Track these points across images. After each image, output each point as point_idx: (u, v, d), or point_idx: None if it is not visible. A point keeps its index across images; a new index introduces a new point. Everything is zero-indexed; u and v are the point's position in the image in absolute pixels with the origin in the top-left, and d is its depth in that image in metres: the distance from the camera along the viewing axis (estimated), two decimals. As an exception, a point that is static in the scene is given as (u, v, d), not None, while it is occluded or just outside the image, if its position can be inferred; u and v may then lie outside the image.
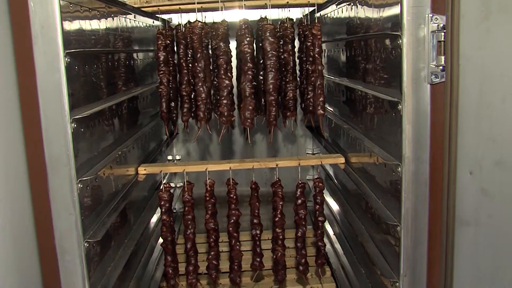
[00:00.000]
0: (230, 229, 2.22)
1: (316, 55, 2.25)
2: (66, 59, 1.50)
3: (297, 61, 2.54)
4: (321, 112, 2.25)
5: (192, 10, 2.35)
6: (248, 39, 2.17)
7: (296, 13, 2.85)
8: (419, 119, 1.54)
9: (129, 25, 2.38)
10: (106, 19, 1.99)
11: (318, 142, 3.03)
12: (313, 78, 2.28)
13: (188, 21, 2.42)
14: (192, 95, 2.42)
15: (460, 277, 1.49)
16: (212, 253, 2.26)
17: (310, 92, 2.37)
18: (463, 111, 1.42)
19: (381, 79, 1.86)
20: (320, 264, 2.35)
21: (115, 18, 2.13)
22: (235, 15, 2.62)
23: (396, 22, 1.59)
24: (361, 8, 2.01)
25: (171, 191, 2.26)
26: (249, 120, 2.17)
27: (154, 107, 2.80)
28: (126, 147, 2.11)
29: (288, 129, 2.71)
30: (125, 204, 2.09)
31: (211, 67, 2.36)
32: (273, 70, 2.18)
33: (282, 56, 2.41)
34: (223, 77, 2.15)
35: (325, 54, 2.84)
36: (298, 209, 2.23)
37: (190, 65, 2.36)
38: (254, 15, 2.48)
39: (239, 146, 3.30)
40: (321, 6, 2.51)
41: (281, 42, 2.40)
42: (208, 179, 2.20)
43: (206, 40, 2.29)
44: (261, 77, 2.44)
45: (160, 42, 2.33)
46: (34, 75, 1.49)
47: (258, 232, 2.25)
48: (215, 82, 2.42)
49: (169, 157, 3.32)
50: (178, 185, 3.37)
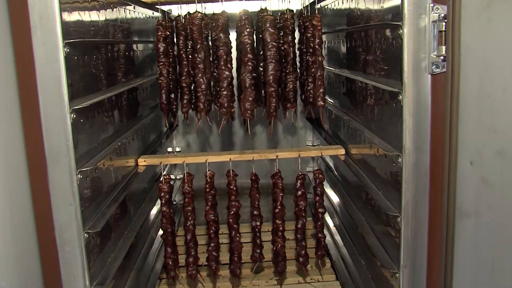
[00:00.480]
0: (230, 220, 2.22)
1: (317, 46, 2.24)
2: (65, 49, 1.49)
3: (297, 52, 2.53)
4: (321, 103, 2.24)
5: (192, 1, 2.34)
6: (248, 30, 2.16)
7: (296, 4, 2.84)
8: (419, 110, 1.53)
9: (129, 16, 2.37)
10: (105, 10, 1.98)
11: (318, 133, 3.02)
12: (313, 69, 2.28)
13: (188, 12, 2.42)
14: (192, 87, 2.41)
15: (460, 267, 1.49)
16: (212, 244, 2.26)
17: (310, 84, 2.36)
18: (464, 101, 1.41)
19: (381, 70, 1.85)
20: (320, 255, 2.35)
21: (114, 9, 2.12)
22: (235, 6, 2.62)
23: (397, 12, 1.58)
24: (362, -2, 2.01)
25: (171, 182, 2.26)
26: (249, 112, 2.17)
27: (154, 98, 2.79)
28: (125, 138, 2.10)
29: (288, 120, 2.70)
30: (125, 195, 2.09)
31: (211, 59, 2.35)
32: (273, 61, 2.18)
33: (282, 48, 2.40)
34: (223, 68, 2.14)
35: (325, 46, 2.83)
36: (298, 201, 2.23)
37: (190, 56, 2.36)
38: (254, 6, 2.47)
39: (239, 138, 3.30)
40: (322, -3, 2.51)
41: (281, 34, 2.39)
42: (208, 170, 2.20)
43: (206, 31, 2.28)
44: (261, 69, 2.44)
45: (159, 33, 2.32)
46: (33, 66, 1.48)
47: (258, 223, 2.25)
48: (215, 74, 2.42)
49: (169, 149, 3.31)
50: (178, 177, 3.37)
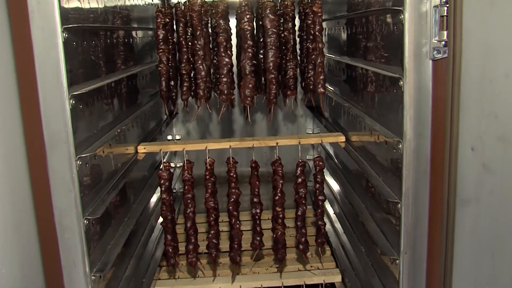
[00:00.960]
0: (230, 208, 2.22)
1: (317, 33, 2.23)
2: (64, 35, 1.48)
3: (298, 39, 2.51)
4: (322, 90, 2.23)
5: (192, -12, 2.32)
6: (248, 16, 2.15)
7: (296, -9, 2.81)
8: (420, 95, 1.52)
9: (128, 3, 2.35)
10: (104, -5, 1.97)
11: (319, 121, 3.01)
12: (313, 56, 2.26)
13: (188, -2, 2.40)
14: (192, 74, 2.40)
15: (461, 253, 1.49)
16: (212, 232, 2.26)
17: (310, 71, 2.35)
18: (465, 87, 1.41)
19: (382, 56, 1.84)
20: (320, 243, 2.35)
21: (113, -5, 2.11)
22: (235, -8, 2.60)
23: (398, -3, 1.57)
24: (363, -16, 1.99)
25: (171, 170, 2.25)
26: (249, 98, 2.16)
27: (153, 86, 2.78)
28: (125, 125, 2.09)
29: (288, 108, 2.69)
30: (125, 183, 2.09)
31: (210, 46, 2.34)
32: (273, 47, 2.16)
33: (282, 35, 2.38)
34: (223, 55, 2.13)
35: (326, 33, 2.82)
36: (298, 188, 2.23)
37: (190, 43, 2.34)
38: (254, -8, 2.45)
39: (239, 126, 3.29)
40: (322, -16, 2.48)
41: (281, 20, 2.38)
42: (208, 158, 2.19)
43: (205, 18, 2.26)
44: (261, 56, 2.43)
45: (159, 20, 2.31)
46: (32, 52, 1.47)
47: (258, 211, 2.24)
48: (215, 61, 2.40)
49: (169, 137, 3.30)
50: (178, 165, 3.36)
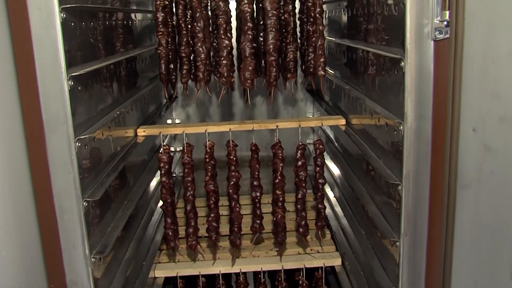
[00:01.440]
0: (230, 191, 2.21)
1: (317, 15, 2.21)
2: (62, 15, 1.46)
3: (298, 22, 2.50)
4: (322, 73, 2.22)
5: (191, -31, 2.29)
6: (248, -2, 2.13)
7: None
8: (421, 76, 1.51)
9: (127, -15, 2.33)
10: (103, -24, 1.95)
11: (319, 105, 3.00)
12: (314, 39, 2.25)
13: (187, -20, 2.38)
14: (191, 57, 2.39)
15: (461, 235, 1.49)
16: (212, 215, 2.26)
17: (310, 53, 2.33)
18: (468, 67, 1.39)
19: (383, 38, 1.83)
20: (320, 226, 2.35)
21: (112, -24, 2.09)
22: (235, -26, 2.57)
23: (399, -24, 1.55)
24: (364, -35, 1.97)
25: (171, 153, 2.24)
26: (249, 81, 2.15)
27: (153, 70, 2.76)
28: (124, 107, 2.08)
29: (288, 91, 2.68)
30: (124, 166, 2.08)
31: (210, 29, 2.32)
32: (273, 30, 2.14)
33: (283, 17, 2.36)
34: (223, 37, 2.11)
35: (326, 16, 2.80)
36: (299, 171, 2.22)
37: (189, 25, 2.32)
38: (254, -26, 2.42)
39: (239, 110, 3.27)
40: (323, -35, 2.46)
41: (281, 3, 2.36)
42: (208, 141, 2.19)
43: (205, 0, 2.25)
44: (261, 39, 2.41)
45: (158, 2, 2.28)
46: (29, 32, 1.46)
47: (258, 194, 2.24)
48: (215, 44, 2.39)
49: (169, 121, 3.29)
50: (177, 149, 3.36)
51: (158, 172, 2.24)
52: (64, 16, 1.47)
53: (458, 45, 1.40)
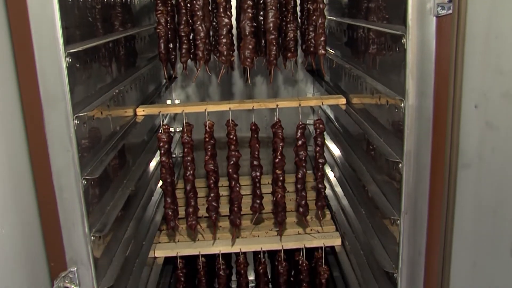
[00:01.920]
0: (230, 170, 2.21)
1: (318, -7, 2.18)
2: (59, -10, 1.44)
3: (298, 1, 2.47)
4: (323, 52, 2.20)
5: None
6: (248, -25, 2.10)
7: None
8: (423, 53, 1.49)
9: (125, -38, 2.30)
10: (101, -47, 1.92)
11: (319, 85, 2.99)
12: (314, 17, 2.22)
13: (186, -43, 2.34)
14: (191, 36, 2.36)
15: (462, 213, 1.48)
16: (212, 194, 2.25)
17: (311, 32, 2.31)
18: (470, 43, 1.37)
19: (384, 17, 1.81)
20: (320, 206, 2.35)
21: (110, -47, 2.06)
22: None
23: (401, -49, 1.53)
24: None
25: (171, 133, 2.23)
26: (248, 60, 2.13)
27: (152, 50, 2.74)
28: (123, 86, 2.07)
29: (288, 71, 2.66)
30: (124, 147, 2.08)
31: (210, 8, 2.30)
32: (273, 8, 2.12)
33: (283, -4, 2.34)
34: (222, 15, 2.09)
35: (327, -6, 2.77)
36: (299, 151, 2.21)
37: (189, 4, 2.30)
38: (254, -49, 2.39)
39: (238, 90, 3.26)
40: None
41: (281, -19, 2.33)
42: (208, 120, 2.17)
43: (204, -22, 2.22)
44: (261, 18, 2.39)
45: (157, -20, 2.26)
46: (26, 8, 1.43)
47: (258, 174, 2.23)
48: (214, 23, 2.37)
49: (168, 102, 3.28)
50: (177, 130, 3.34)
51: (158, 153, 2.24)
52: (62, -8, 1.45)
53: (461, 21, 1.38)
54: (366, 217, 2.18)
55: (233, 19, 2.17)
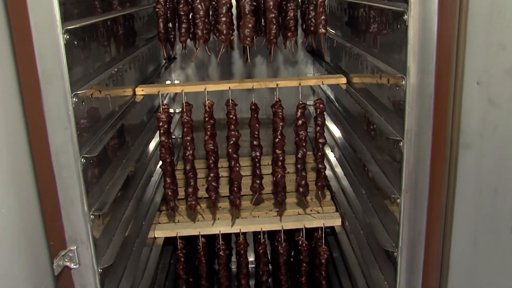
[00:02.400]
0: (230, 150, 2.19)
1: (318, -29, 2.16)
2: (56, -35, 1.42)
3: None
4: (323, 30, 2.18)
5: None
6: (247, -47, 2.07)
7: None
8: (425, 29, 1.47)
9: None
10: None
11: (319, 65, 2.97)
12: (314, -5, 2.20)
13: None
14: (190, 15, 2.34)
15: (463, 191, 1.47)
16: (211, 174, 2.24)
17: (311, 12, 2.29)
18: (473, 19, 1.35)
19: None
20: (320, 186, 2.34)
21: None
22: None
23: None
24: None
25: (170, 113, 2.21)
26: (248, 39, 2.11)
27: (151, 30, 2.72)
28: (122, 65, 2.05)
29: (288, 51, 2.64)
30: (123, 126, 2.06)
31: (209, -14, 2.28)
32: (273, -14, 2.10)
33: (283, -26, 2.32)
34: (222, -7, 2.07)
35: (327, -26, 2.74)
36: (299, 130, 2.20)
37: (188, -17, 2.28)
38: None
39: (238, 71, 3.24)
40: None
41: (281, -41, 2.31)
42: (207, 100, 2.16)
43: (204, -45, 2.19)
44: (261, -3, 2.37)
45: (156, -42, 2.24)
46: (23, -17, 1.42)
47: (257, 154, 2.22)
48: (214, 2, 2.34)
49: (168, 82, 3.26)
50: (177, 111, 3.33)
51: (157, 134, 2.22)
52: (58, -33, 1.43)
53: (463, -4, 1.36)
54: (367, 197, 2.17)
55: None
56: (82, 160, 1.56)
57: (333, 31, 2.66)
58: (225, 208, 2.63)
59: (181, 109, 2.21)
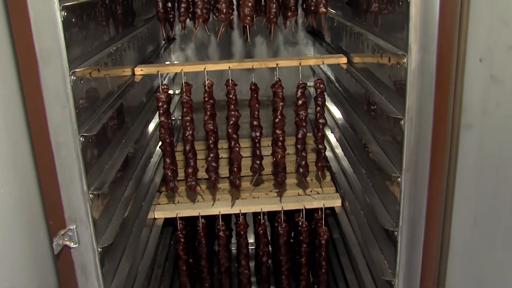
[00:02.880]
0: (230, 130, 2.18)
1: (319, -51, 2.13)
2: None
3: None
4: (323, 10, 2.15)
5: None
6: None
7: None
8: (427, 6, 1.45)
9: None
10: None
11: (320, 45, 2.94)
12: (315, -26, 2.18)
13: None
14: (189, -6, 2.32)
15: (464, 168, 1.46)
16: (211, 155, 2.23)
17: (312, -10, 2.27)
18: (475, -5, 1.34)
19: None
20: (321, 167, 2.33)
21: None
22: None
23: None
24: None
25: (170, 94, 2.20)
26: (248, 18, 2.09)
27: (150, 10, 2.69)
28: (121, 44, 2.03)
29: (288, 31, 2.62)
30: (122, 106, 2.05)
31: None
32: (273, -36, 2.08)
33: (283, -47, 2.29)
34: (221, -29, 2.05)
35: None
36: (299, 110, 2.19)
37: (187, -39, 2.25)
38: None
39: (238, 51, 3.21)
40: None
41: None
42: (207, 80, 2.14)
43: None
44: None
45: None
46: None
47: (257, 134, 2.21)
48: (213, -18, 2.32)
49: (167, 63, 3.24)
50: (176, 92, 3.31)
51: (157, 115, 2.21)
52: None
53: (466, -29, 1.34)
54: (367, 177, 2.16)
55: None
56: (81, 138, 1.55)
57: (334, 11, 2.64)
58: (225, 189, 2.63)
59: (180, 90, 2.19)
